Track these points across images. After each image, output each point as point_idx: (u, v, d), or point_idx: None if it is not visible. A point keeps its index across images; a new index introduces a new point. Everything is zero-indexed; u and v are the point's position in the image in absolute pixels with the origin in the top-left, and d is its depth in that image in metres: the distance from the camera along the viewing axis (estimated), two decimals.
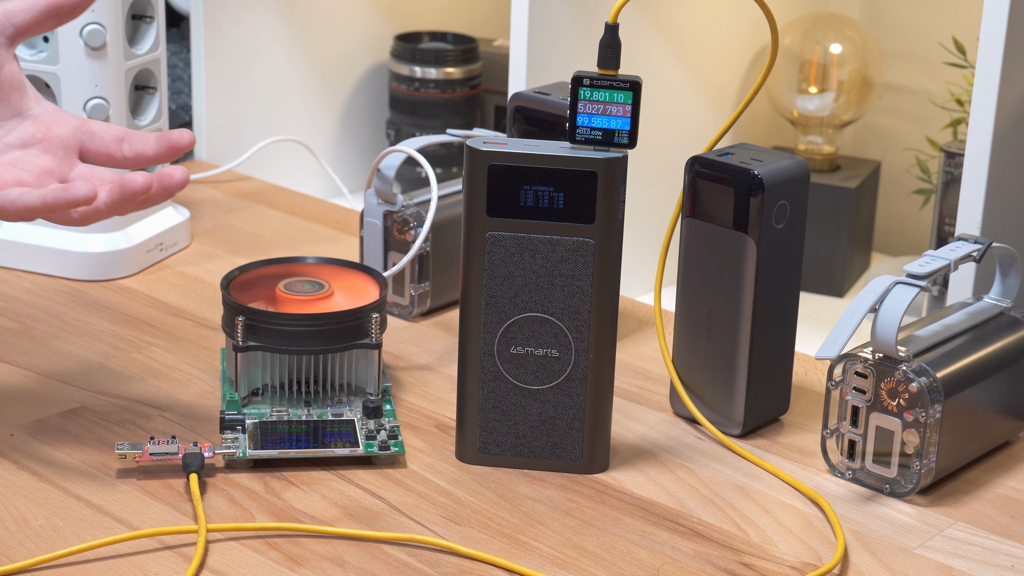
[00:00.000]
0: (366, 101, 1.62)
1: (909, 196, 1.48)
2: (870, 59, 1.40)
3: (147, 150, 0.95)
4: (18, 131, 0.94)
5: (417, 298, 1.20)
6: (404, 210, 1.18)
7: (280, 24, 1.53)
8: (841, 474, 0.99)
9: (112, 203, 0.90)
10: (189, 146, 0.95)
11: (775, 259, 1.01)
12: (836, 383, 0.98)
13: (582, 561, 0.89)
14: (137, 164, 0.96)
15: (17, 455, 0.98)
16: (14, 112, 0.94)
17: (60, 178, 0.93)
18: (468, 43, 1.58)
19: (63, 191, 0.87)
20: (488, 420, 0.98)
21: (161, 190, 0.91)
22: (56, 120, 0.95)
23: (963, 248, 1.00)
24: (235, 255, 1.33)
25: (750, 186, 0.99)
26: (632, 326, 1.21)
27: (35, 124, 0.94)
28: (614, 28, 0.93)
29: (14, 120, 0.94)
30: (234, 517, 0.92)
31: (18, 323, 1.18)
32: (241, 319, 1.02)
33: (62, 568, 0.87)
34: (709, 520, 0.94)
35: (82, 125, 0.95)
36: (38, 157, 0.93)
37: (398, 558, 0.89)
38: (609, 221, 0.94)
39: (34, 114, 0.95)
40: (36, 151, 0.94)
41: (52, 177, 0.93)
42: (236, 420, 1.00)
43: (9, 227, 1.27)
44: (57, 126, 0.95)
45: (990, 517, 0.96)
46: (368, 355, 1.05)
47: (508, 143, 0.95)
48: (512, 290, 0.96)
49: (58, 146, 0.94)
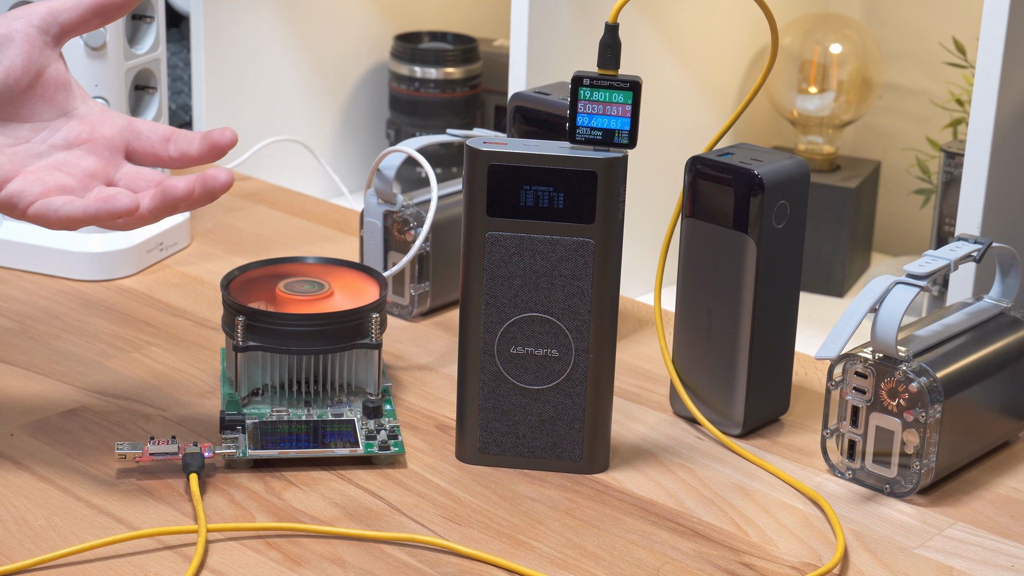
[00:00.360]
0: (366, 101, 1.62)
1: (909, 196, 1.48)
2: (870, 59, 1.40)
3: (191, 150, 0.94)
4: (63, 131, 0.93)
5: (417, 298, 1.20)
6: (404, 210, 1.18)
7: (280, 24, 1.53)
8: (841, 474, 0.99)
9: (155, 210, 0.89)
10: (231, 145, 0.93)
11: (775, 259, 1.01)
12: (836, 383, 0.98)
13: (582, 561, 0.89)
14: (182, 164, 0.95)
15: (17, 455, 0.98)
16: (60, 112, 0.93)
17: (105, 180, 0.93)
18: (468, 43, 1.58)
19: (105, 203, 0.87)
20: (488, 420, 0.98)
21: (205, 192, 0.90)
22: (102, 120, 0.94)
23: (963, 248, 1.00)
24: (235, 255, 1.33)
25: (750, 186, 0.99)
26: (632, 326, 1.21)
27: (80, 124, 0.93)
28: (614, 28, 0.93)
29: (60, 120, 0.93)
30: (234, 517, 0.92)
31: (18, 323, 1.18)
32: (241, 319, 1.02)
33: (62, 568, 0.87)
34: (709, 520, 0.94)
35: (128, 125, 0.94)
36: (83, 159, 0.92)
37: (398, 558, 0.89)
38: (609, 221, 0.94)
39: (80, 114, 0.94)
40: (81, 152, 0.93)
41: (97, 180, 0.92)
42: (236, 420, 1.00)
43: (9, 227, 1.27)
44: (103, 126, 0.94)
45: (990, 517, 0.96)
46: (368, 355, 1.04)
47: (508, 143, 0.95)
48: (512, 290, 0.96)
49: (103, 147, 0.93)
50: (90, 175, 0.92)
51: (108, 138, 0.93)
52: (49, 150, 0.92)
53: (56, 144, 0.92)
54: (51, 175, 0.91)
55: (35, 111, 0.92)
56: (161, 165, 0.95)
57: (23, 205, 0.89)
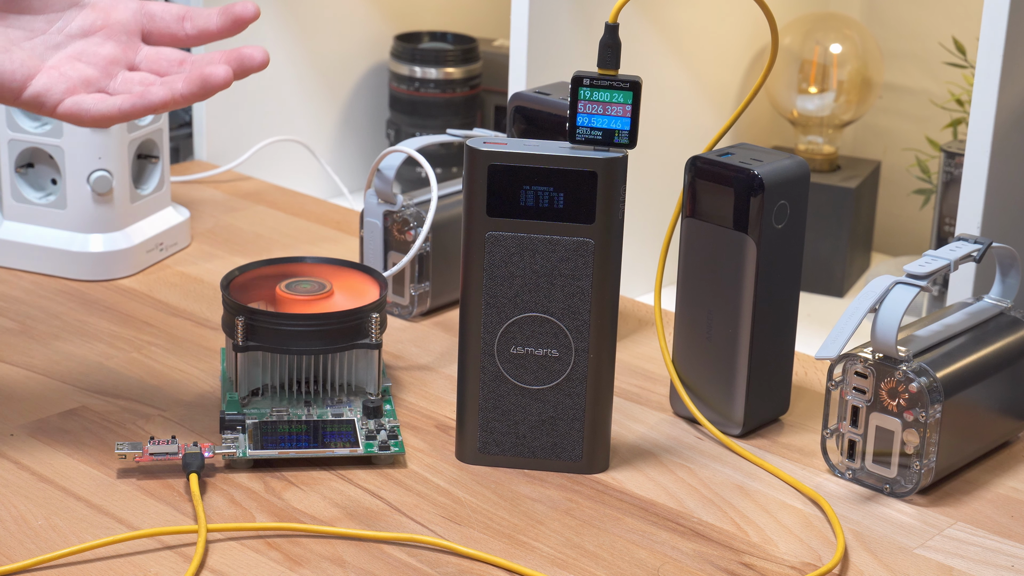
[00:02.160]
0: (366, 101, 1.62)
1: (909, 196, 1.48)
2: (870, 59, 1.40)
3: (210, 26, 0.94)
4: (78, 20, 0.93)
5: (417, 298, 1.20)
6: (404, 210, 1.18)
7: (280, 24, 1.53)
8: (841, 474, 0.99)
9: (191, 95, 0.90)
10: (254, 18, 0.93)
11: (775, 259, 1.01)
12: (836, 383, 0.98)
13: (582, 561, 0.89)
14: (201, 41, 0.95)
15: (17, 455, 0.98)
16: (71, 2, 0.93)
17: (127, 64, 0.93)
18: (468, 43, 1.58)
19: (140, 98, 0.88)
20: (488, 420, 0.98)
21: (241, 73, 0.90)
22: (115, 5, 0.94)
23: (963, 248, 1.00)
24: (235, 255, 1.33)
25: (750, 186, 0.99)
26: (632, 326, 1.21)
27: (94, 11, 0.93)
28: (614, 28, 0.93)
29: (72, 10, 0.93)
30: (234, 517, 0.92)
31: (18, 323, 1.18)
32: (241, 319, 1.02)
33: (62, 568, 0.87)
34: (709, 520, 0.94)
35: (141, 7, 0.95)
36: (101, 46, 0.93)
37: (398, 558, 0.89)
38: (609, 221, 0.94)
39: (91, 1, 0.94)
40: (98, 39, 0.93)
41: (118, 65, 0.92)
42: (236, 420, 1.00)
43: (9, 227, 1.27)
44: (116, 11, 0.94)
45: (990, 517, 0.96)
46: (368, 355, 1.04)
47: (508, 143, 0.95)
48: (512, 290, 0.96)
49: (120, 31, 0.93)
50: (111, 61, 0.92)
51: (123, 22, 0.93)
52: (66, 40, 0.92)
53: (72, 33, 0.93)
54: (72, 67, 0.91)
55: (47, 1, 0.92)
56: (178, 45, 0.95)
57: (51, 104, 0.90)
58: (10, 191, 1.27)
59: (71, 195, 1.26)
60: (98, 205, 1.26)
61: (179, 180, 1.47)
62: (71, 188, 1.25)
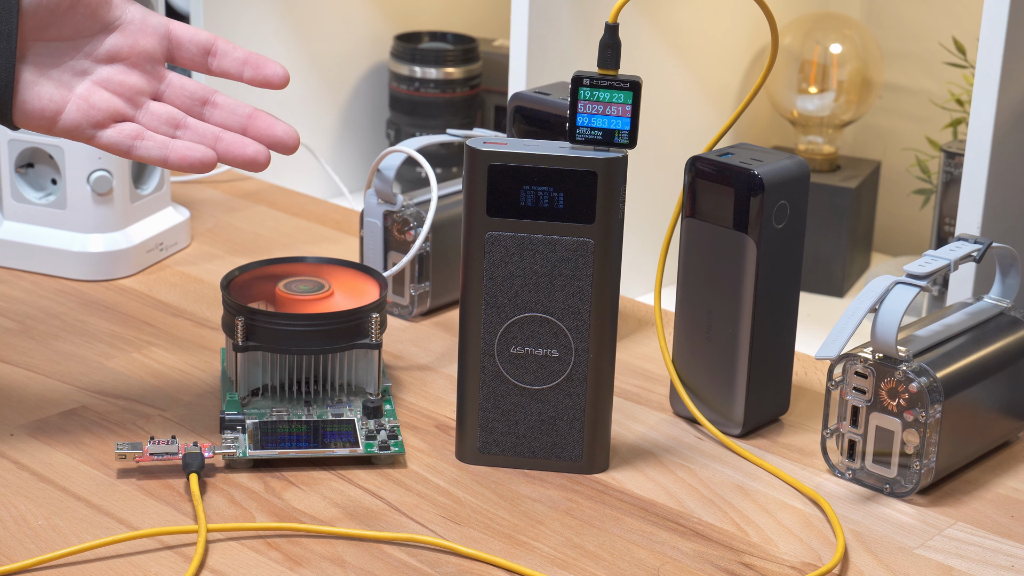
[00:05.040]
0: (366, 101, 1.62)
1: (909, 196, 1.48)
2: (870, 59, 1.40)
3: (235, 74, 0.97)
4: (105, 45, 0.94)
5: (417, 298, 1.20)
6: (404, 210, 1.18)
7: (280, 24, 1.53)
8: (841, 474, 0.99)
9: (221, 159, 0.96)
10: (281, 86, 0.97)
11: (775, 259, 1.01)
12: (836, 383, 0.98)
13: (582, 561, 0.89)
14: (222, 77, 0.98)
15: (17, 455, 0.98)
16: (101, 26, 0.94)
17: (152, 94, 0.95)
18: (468, 43, 1.58)
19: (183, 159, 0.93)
20: (488, 420, 0.98)
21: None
22: (143, 29, 0.95)
23: (963, 248, 1.00)
24: (235, 255, 1.33)
25: (750, 186, 0.99)
26: (632, 326, 1.21)
27: (122, 35, 0.94)
28: (614, 28, 0.93)
29: (101, 33, 0.94)
30: (234, 517, 0.92)
31: (18, 323, 1.18)
32: (241, 319, 1.02)
33: (62, 568, 0.87)
34: (709, 520, 0.94)
35: (168, 34, 0.96)
36: (127, 75, 0.95)
37: (398, 558, 0.89)
38: (609, 221, 0.94)
39: (121, 23, 0.95)
40: (123, 68, 0.95)
41: (143, 95, 0.95)
42: (236, 420, 1.00)
43: (9, 227, 1.27)
44: (144, 37, 0.95)
45: (990, 517, 0.96)
46: (368, 355, 1.04)
47: (508, 143, 0.95)
48: (512, 290, 0.96)
49: (144, 60, 0.95)
50: (137, 92, 0.95)
51: (149, 52, 0.95)
52: (92, 65, 0.94)
53: (99, 57, 0.94)
54: (99, 95, 0.93)
55: (79, 27, 0.93)
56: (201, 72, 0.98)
57: (86, 137, 0.93)
58: (10, 191, 1.27)
59: (71, 195, 1.26)
60: (98, 205, 1.26)
61: (179, 180, 1.47)
62: (71, 188, 1.25)
